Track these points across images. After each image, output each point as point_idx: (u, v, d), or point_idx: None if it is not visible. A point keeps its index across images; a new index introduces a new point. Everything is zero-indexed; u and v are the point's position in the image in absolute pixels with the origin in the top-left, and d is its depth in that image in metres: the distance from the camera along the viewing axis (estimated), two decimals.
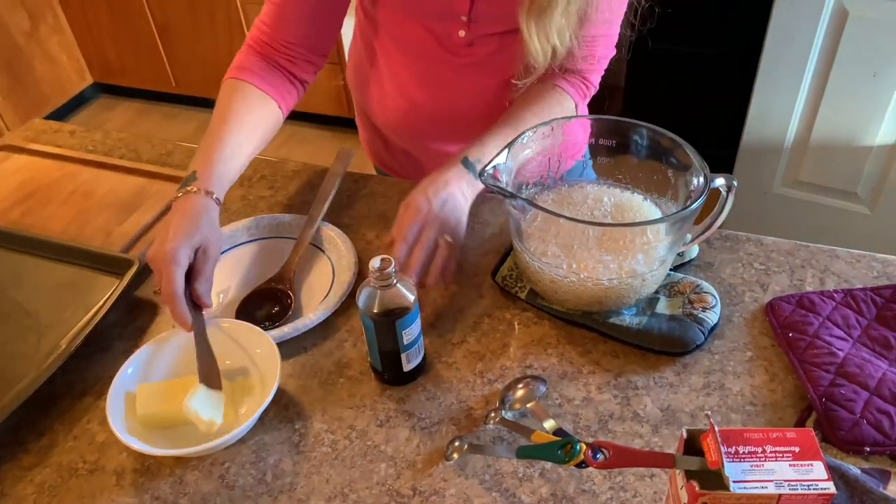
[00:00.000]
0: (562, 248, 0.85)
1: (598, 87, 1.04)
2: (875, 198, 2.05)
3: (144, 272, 0.99)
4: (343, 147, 1.14)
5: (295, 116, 3.08)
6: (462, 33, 0.97)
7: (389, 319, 0.77)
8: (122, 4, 2.99)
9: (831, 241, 1.03)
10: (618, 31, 0.99)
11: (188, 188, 0.86)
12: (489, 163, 0.82)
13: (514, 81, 0.96)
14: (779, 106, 2.03)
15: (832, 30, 1.86)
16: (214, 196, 0.86)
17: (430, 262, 0.86)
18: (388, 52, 1.06)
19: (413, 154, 1.17)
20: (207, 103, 3.26)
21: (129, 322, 0.93)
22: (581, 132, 0.99)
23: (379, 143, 1.22)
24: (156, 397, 0.78)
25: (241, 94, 0.95)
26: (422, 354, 0.83)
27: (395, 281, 0.76)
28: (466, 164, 0.91)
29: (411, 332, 0.79)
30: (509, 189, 0.82)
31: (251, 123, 0.94)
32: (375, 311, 0.77)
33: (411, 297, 0.77)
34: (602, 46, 0.99)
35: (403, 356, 0.80)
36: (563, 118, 0.93)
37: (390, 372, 0.82)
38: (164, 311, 0.93)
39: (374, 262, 0.75)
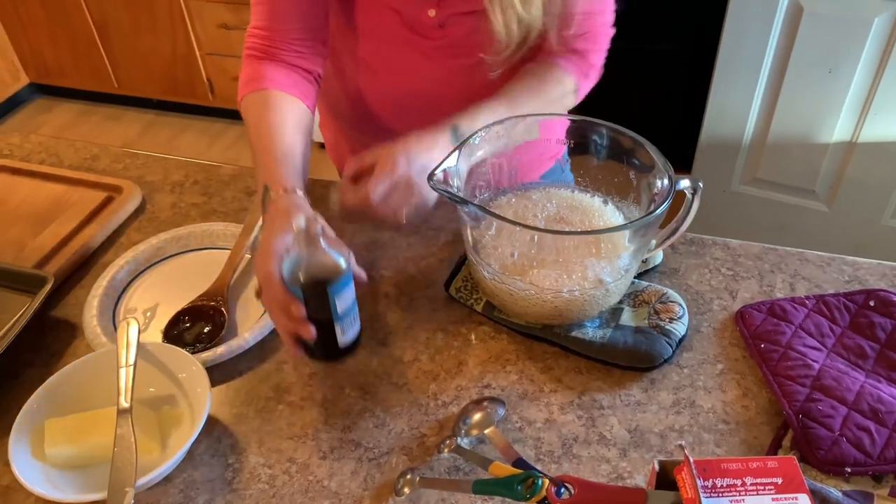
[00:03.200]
0: (518, 259, 0.78)
1: (601, 70, 0.98)
2: (832, 195, 2.04)
3: (61, 289, 0.90)
4: None
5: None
6: (432, 13, 0.89)
7: (320, 286, 0.70)
8: (57, 1, 2.84)
9: (791, 238, 0.99)
10: (612, 7, 0.92)
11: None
12: (438, 166, 0.75)
13: (483, 57, 0.89)
14: (736, 103, 2.01)
15: (787, 26, 1.84)
16: (295, 190, 0.79)
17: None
18: (351, 43, 0.98)
19: None
20: (152, 104, 3.13)
21: (42, 346, 0.83)
22: (561, 131, 0.93)
23: (345, 146, 1.14)
24: (66, 434, 0.70)
25: (268, 105, 0.88)
26: (357, 325, 0.76)
27: (323, 243, 0.69)
28: (455, 133, 0.83)
29: (345, 298, 0.72)
30: (460, 195, 0.75)
31: (291, 127, 0.87)
32: (303, 279, 0.70)
33: (342, 261, 0.71)
34: (599, 24, 0.93)
35: (338, 327, 0.73)
36: (539, 115, 0.86)
37: (322, 347, 0.75)
38: (82, 334, 0.83)
39: (299, 222, 0.69)
